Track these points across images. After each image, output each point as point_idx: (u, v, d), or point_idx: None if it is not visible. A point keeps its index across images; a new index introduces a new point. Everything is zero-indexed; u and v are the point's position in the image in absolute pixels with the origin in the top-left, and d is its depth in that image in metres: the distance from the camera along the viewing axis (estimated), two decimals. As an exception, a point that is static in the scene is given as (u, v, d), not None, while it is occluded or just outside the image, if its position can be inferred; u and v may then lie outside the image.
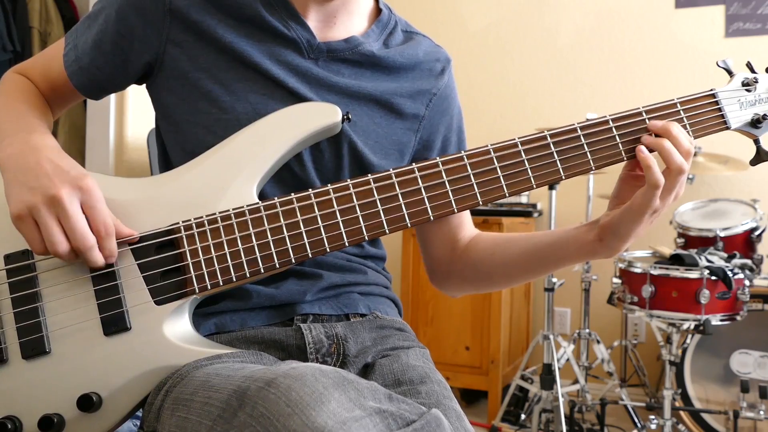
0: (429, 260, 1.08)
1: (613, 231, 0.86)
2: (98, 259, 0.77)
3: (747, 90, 0.91)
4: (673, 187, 0.83)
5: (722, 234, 2.36)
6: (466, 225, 1.06)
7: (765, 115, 0.90)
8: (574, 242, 0.92)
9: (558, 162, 0.86)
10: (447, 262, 1.05)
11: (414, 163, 0.84)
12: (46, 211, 0.76)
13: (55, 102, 0.98)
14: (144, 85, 0.97)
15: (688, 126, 0.88)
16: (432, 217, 0.84)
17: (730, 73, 0.93)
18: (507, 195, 0.85)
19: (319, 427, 0.57)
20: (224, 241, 0.81)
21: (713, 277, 2.08)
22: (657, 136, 0.85)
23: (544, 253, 0.95)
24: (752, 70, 0.94)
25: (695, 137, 0.88)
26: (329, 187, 0.83)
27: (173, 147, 0.94)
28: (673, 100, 0.88)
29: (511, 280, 1.01)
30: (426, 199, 0.83)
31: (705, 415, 2.35)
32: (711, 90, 0.90)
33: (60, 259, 0.78)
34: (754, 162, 0.93)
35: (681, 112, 0.88)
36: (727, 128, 0.90)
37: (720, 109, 0.90)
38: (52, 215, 0.76)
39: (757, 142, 0.92)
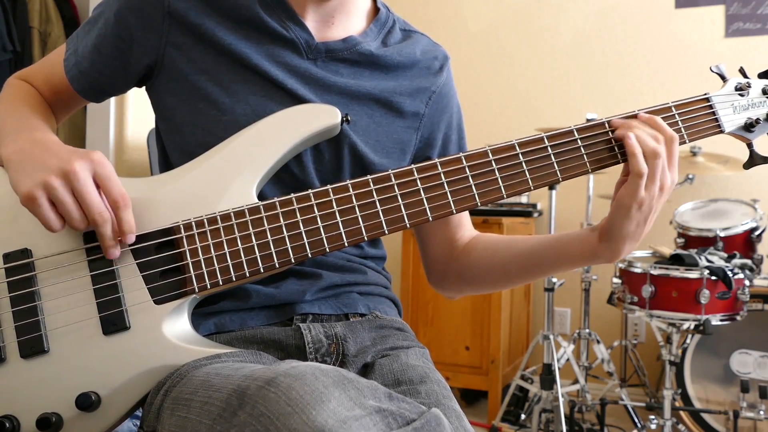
0: (427, 260, 1.08)
1: (608, 231, 0.87)
2: (110, 234, 0.76)
3: (740, 95, 0.93)
4: (654, 174, 0.83)
5: (722, 234, 2.36)
6: (465, 225, 1.06)
7: (758, 119, 0.92)
8: (576, 243, 0.92)
9: (555, 164, 0.86)
10: (445, 262, 1.06)
11: (413, 164, 0.84)
12: (61, 185, 0.75)
13: (58, 107, 0.98)
14: (144, 87, 0.97)
15: (683, 129, 0.89)
16: (431, 218, 0.84)
17: (723, 78, 0.95)
18: (505, 196, 0.86)
19: (319, 425, 0.57)
20: (224, 241, 0.81)
21: (713, 277, 2.07)
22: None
23: (544, 254, 0.95)
24: (745, 75, 0.95)
25: (690, 140, 0.90)
26: (329, 187, 0.83)
27: (173, 148, 0.94)
28: (668, 103, 0.90)
29: (509, 282, 1.01)
30: (425, 200, 0.84)
31: (705, 415, 2.35)
32: (705, 94, 0.92)
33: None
34: (748, 165, 0.95)
35: (676, 115, 0.90)
36: (721, 132, 0.92)
37: (714, 113, 0.91)
38: (66, 189, 0.75)
39: (750, 145, 0.94)
